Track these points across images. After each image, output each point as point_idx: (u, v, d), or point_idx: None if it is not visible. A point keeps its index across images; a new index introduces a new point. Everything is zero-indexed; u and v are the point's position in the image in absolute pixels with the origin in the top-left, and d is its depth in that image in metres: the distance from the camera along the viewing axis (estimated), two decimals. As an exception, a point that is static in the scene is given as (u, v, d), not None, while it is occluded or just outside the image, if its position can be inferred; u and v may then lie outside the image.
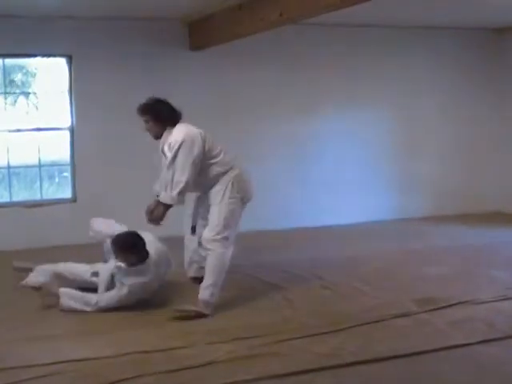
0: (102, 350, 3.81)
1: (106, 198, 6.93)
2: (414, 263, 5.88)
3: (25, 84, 7.25)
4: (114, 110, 7.01)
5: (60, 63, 6.99)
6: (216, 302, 4.59)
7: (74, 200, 7.03)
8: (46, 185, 7.20)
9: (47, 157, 7.11)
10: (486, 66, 8.52)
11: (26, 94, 7.21)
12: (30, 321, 4.41)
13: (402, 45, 8.10)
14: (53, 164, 7.22)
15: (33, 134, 6.97)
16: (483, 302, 4.63)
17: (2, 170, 6.93)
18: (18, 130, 6.93)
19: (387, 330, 4.15)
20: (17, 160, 6.99)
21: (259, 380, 3.37)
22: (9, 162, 6.90)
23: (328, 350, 3.76)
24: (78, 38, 6.83)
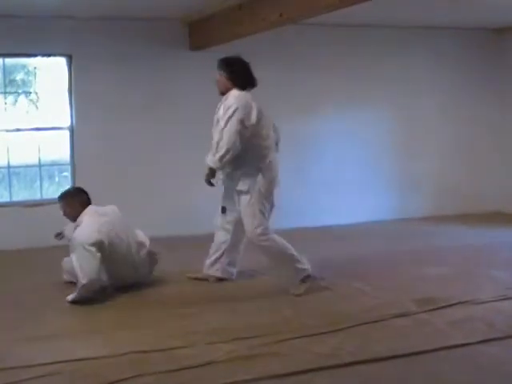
0: (102, 349, 3.80)
1: (106, 198, 6.91)
2: (414, 263, 5.88)
3: (25, 84, 7.25)
4: (114, 109, 7.02)
5: (60, 63, 6.99)
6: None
7: (74, 200, 7.03)
8: (46, 184, 7.20)
9: (47, 156, 7.12)
10: (486, 65, 8.52)
11: (26, 94, 7.22)
12: (30, 321, 4.41)
13: (402, 45, 8.10)
14: (53, 164, 7.22)
15: (33, 133, 6.98)
16: (483, 302, 4.62)
17: (2, 169, 6.94)
18: (18, 130, 6.94)
19: (387, 329, 4.14)
20: (17, 160, 6.99)
21: (259, 380, 3.36)
22: (9, 162, 6.90)
23: (328, 350, 3.76)
24: (78, 37, 6.83)
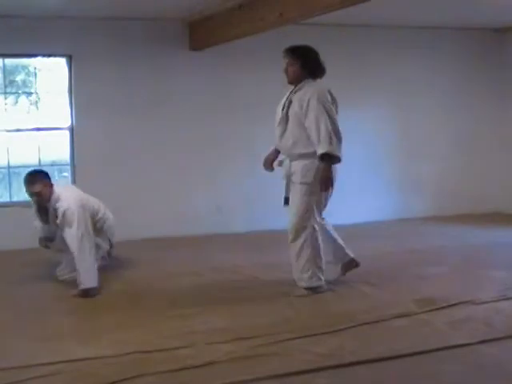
0: (102, 349, 3.80)
1: (106, 198, 6.91)
2: (414, 263, 5.88)
3: (25, 84, 7.25)
4: (114, 109, 7.02)
5: (60, 63, 6.99)
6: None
7: (74, 200, 7.03)
8: (46, 185, 7.19)
9: (47, 157, 7.11)
10: (486, 66, 8.51)
11: (27, 94, 7.21)
12: (31, 321, 4.41)
13: (402, 45, 8.10)
14: (53, 164, 7.21)
15: (33, 133, 6.98)
16: (483, 302, 4.61)
17: (2, 169, 6.94)
18: (18, 130, 6.94)
19: (387, 330, 4.14)
20: (17, 160, 6.99)
21: (259, 380, 3.36)
22: (9, 162, 6.90)
23: (328, 350, 3.75)
24: (78, 38, 6.83)
